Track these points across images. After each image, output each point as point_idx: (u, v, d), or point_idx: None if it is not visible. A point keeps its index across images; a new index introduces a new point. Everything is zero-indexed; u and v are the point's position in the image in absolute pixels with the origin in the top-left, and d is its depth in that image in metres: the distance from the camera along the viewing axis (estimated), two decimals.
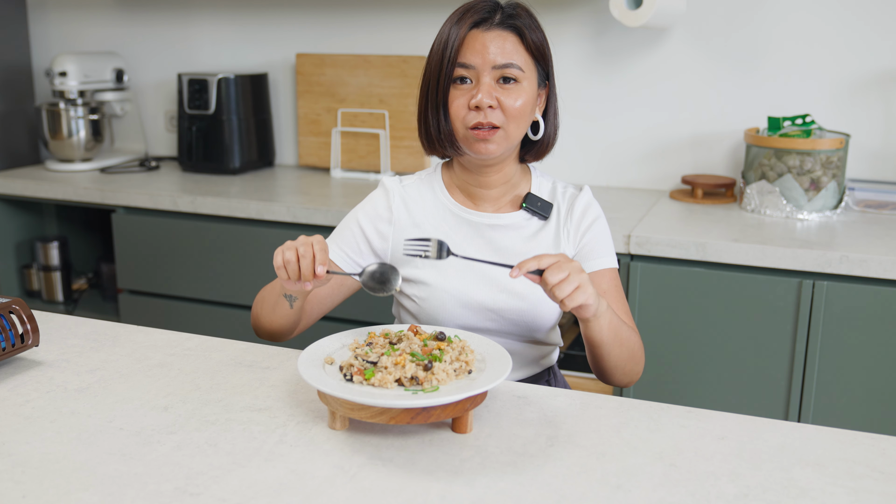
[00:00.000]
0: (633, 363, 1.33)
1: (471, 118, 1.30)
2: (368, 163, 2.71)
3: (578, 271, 1.15)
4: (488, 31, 1.30)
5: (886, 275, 1.78)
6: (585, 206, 1.40)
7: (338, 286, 1.42)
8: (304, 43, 2.83)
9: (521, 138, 1.35)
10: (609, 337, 1.26)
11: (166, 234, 2.45)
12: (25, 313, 1.24)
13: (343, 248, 1.42)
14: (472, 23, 1.30)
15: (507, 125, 1.30)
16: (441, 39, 1.32)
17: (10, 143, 2.90)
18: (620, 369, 1.32)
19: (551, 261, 1.14)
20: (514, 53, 1.30)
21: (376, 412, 1.00)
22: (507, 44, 1.30)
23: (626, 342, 1.30)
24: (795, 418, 1.91)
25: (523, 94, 1.31)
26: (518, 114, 1.30)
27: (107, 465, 0.96)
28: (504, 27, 1.30)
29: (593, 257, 1.39)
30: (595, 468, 0.97)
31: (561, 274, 1.13)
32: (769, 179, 2.14)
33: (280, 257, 1.18)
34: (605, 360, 1.30)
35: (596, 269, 1.38)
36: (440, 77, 1.32)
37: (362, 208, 1.44)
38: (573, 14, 2.49)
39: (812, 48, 2.31)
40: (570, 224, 1.40)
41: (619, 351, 1.29)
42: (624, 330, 1.29)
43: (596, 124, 2.55)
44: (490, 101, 1.29)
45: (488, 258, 1.38)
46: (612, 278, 1.39)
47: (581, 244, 1.39)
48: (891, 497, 0.92)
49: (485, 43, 1.29)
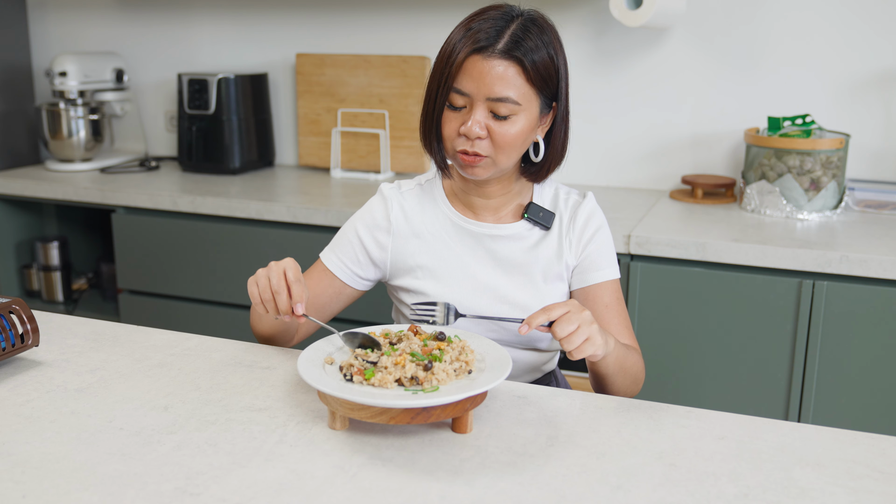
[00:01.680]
0: (635, 386, 1.34)
1: (459, 143, 1.27)
2: (368, 163, 2.71)
3: (589, 322, 1.14)
4: (488, 59, 1.23)
5: (886, 275, 1.78)
6: (588, 215, 1.38)
7: (336, 295, 1.42)
8: (304, 43, 2.83)
9: (512, 165, 1.31)
10: (614, 369, 1.26)
11: (166, 234, 2.45)
12: (25, 313, 1.24)
13: (342, 258, 1.41)
14: (473, 48, 1.24)
15: (495, 155, 1.27)
16: (444, 52, 1.27)
17: (10, 143, 2.90)
18: (622, 392, 1.32)
19: (560, 312, 1.13)
20: (512, 87, 1.24)
21: (376, 412, 1.00)
22: (506, 74, 1.23)
23: (631, 370, 1.30)
24: (795, 418, 1.91)
25: (517, 124, 1.26)
26: (508, 145, 1.26)
27: (107, 465, 0.96)
28: (505, 56, 1.23)
29: (595, 269, 1.37)
30: (595, 468, 0.97)
31: (570, 326, 1.12)
32: (769, 179, 2.14)
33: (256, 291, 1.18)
34: (610, 389, 1.30)
35: (598, 282, 1.37)
36: (437, 97, 1.29)
37: (360, 218, 1.42)
38: (573, 14, 2.49)
39: (812, 48, 2.31)
40: (573, 234, 1.37)
41: (622, 380, 1.29)
42: (629, 359, 1.29)
43: (596, 124, 2.55)
44: (480, 133, 1.25)
45: (488, 269, 1.37)
46: (614, 290, 1.38)
47: (583, 255, 1.37)
48: (891, 497, 0.92)
49: (482, 72, 1.23)
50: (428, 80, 1.32)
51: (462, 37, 1.25)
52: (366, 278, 1.42)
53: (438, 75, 1.28)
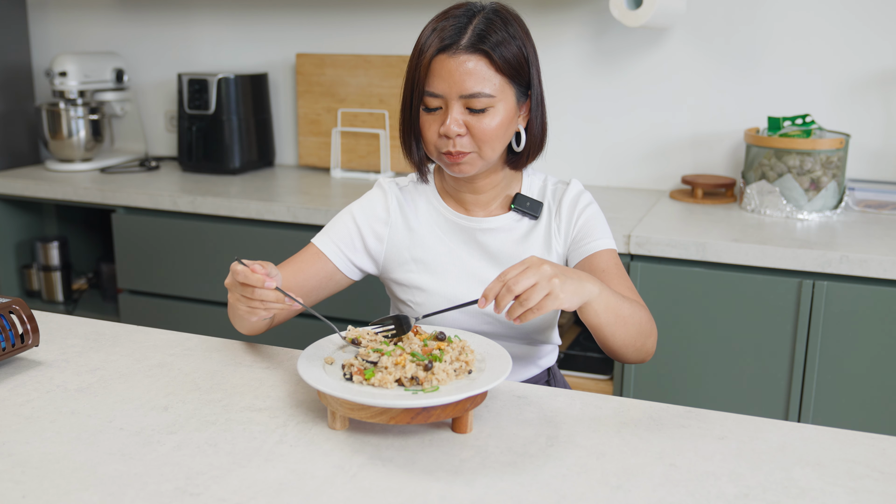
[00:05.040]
0: (642, 338, 1.26)
1: (441, 145, 1.28)
2: (368, 163, 2.71)
3: (548, 277, 1.08)
4: (454, 55, 1.24)
5: (886, 275, 1.78)
6: (574, 197, 1.38)
7: (325, 280, 1.39)
8: (304, 43, 2.83)
9: (497, 156, 1.31)
10: (608, 319, 1.19)
11: (166, 234, 2.45)
12: (25, 313, 1.24)
13: (337, 242, 1.39)
14: (438, 47, 1.25)
15: (479, 150, 1.28)
16: (413, 58, 1.29)
17: (10, 143, 2.90)
18: (630, 346, 1.25)
19: (515, 272, 1.08)
20: (483, 80, 1.24)
21: (376, 412, 1.00)
22: (475, 69, 1.24)
23: (630, 319, 1.23)
24: (795, 418, 1.91)
25: (496, 116, 1.26)
26: (490, 137, 1.27)
27: (107, 465, 0.96)
28: (471, 51, 1.24)
29: (589, 240, 1.36)
30: (595, 468, 0.97)
31: (527, 282, 1.07)
32: (769, 179, 2.13)
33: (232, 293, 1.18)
34: (611, 340, 1.23)
35: (593, 252, 1.35)
36: (412, 103, 1.29)
37: (358, 205, 1.42)
38: (573, 14, 2.49)
39: (812, 48, 2.31)
40: (560, 219, 1.38)
41: (623, 330, 1.22)
42: (625, 308, 1.22)
43: (596, 124, 2.55)
44: (459, 130, 1.25)
45: (481, 262, 1.37)
46: (611, 258, 1.35)
47: (575, 231, 1.37)
48: (891, 497, 0.92)
49: (451, 70, 1.24)
50: (403, 87, 1.33)
51: (427, 38, 1.27)
52: (358, 266, 1.41)
53: (410, 80, 1.29)
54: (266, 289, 1.12)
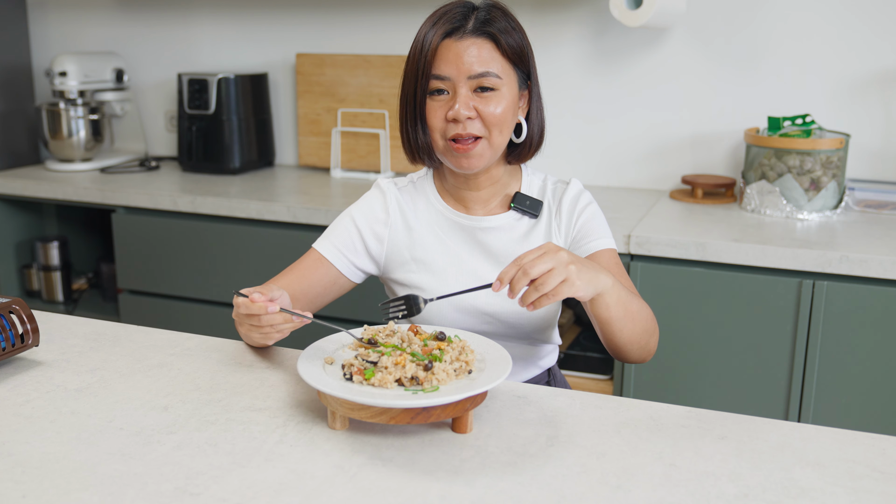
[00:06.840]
0: (647, 336, 1.27)
1: (449, 130, 1.28)
2: (368, 163, 2.71)
3: (565, 263, 1.08)
4: (461, 39, 1.26)
5: (886, 275, 1.78)
6: (574, 196, 1.39)
7: (329, 286, 1.40)
8: (304, 43, 2.83)
9: (505, 144, 1.33)
10: (618, 313, 1.19)
11: (166, 234, 2.45)
12: (25, 313, 1.24)
13: (338, 246, 1.40)
14: (444, 32, 1.27)
15: (488, 134, 1.28)
16: (415, 49, 1.30)
17: (10, 143, 2.90)
18: (636, 344, 1.25)
19: (532, 256, 1.08)
20: (490, 61, 1.27)
21: (376, 412, 1.00)
22: (482, 51, 1.26)
23: (638, 315, 1.23)
24: (795, 418, 1.91)
25: (503, 100, 1.28)
26: (499, 121, 1.28)
27: (107, 465, 0.96)
28: (478, 34, 1.27)
29: (590, 239, 1.36)
30: (595, 468, 0.97)
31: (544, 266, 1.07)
32: (769, 179, 2.13)
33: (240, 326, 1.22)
34: (617, 337, 1.23)
35: (594, 251, 1.35)
36: (416, 89, 1.30)
37: (357, 208, 1.42)
38: (573, 14, 2.49)
39: (812, 48, 2.31)
40: (561, 218, 1.38)
41: (631, 326, 1.22)
42: (634, 304, 1.22)
43: (596, 124, 2.55)
44: (468, 113, 1.26)
45: (481, 262, 1.37)
46: (612, 257, 1.35)
47: (574, 230, 1.37)
48: (891, 497, 0.92)
49: (458, 52, 1.26)
50: (402, 81, 1.33)
51: (430, 28, 1.29)
52: (361, 269, 1.42)
53: (415, 68, 1.30)
54: (270, 314, 1.14)
